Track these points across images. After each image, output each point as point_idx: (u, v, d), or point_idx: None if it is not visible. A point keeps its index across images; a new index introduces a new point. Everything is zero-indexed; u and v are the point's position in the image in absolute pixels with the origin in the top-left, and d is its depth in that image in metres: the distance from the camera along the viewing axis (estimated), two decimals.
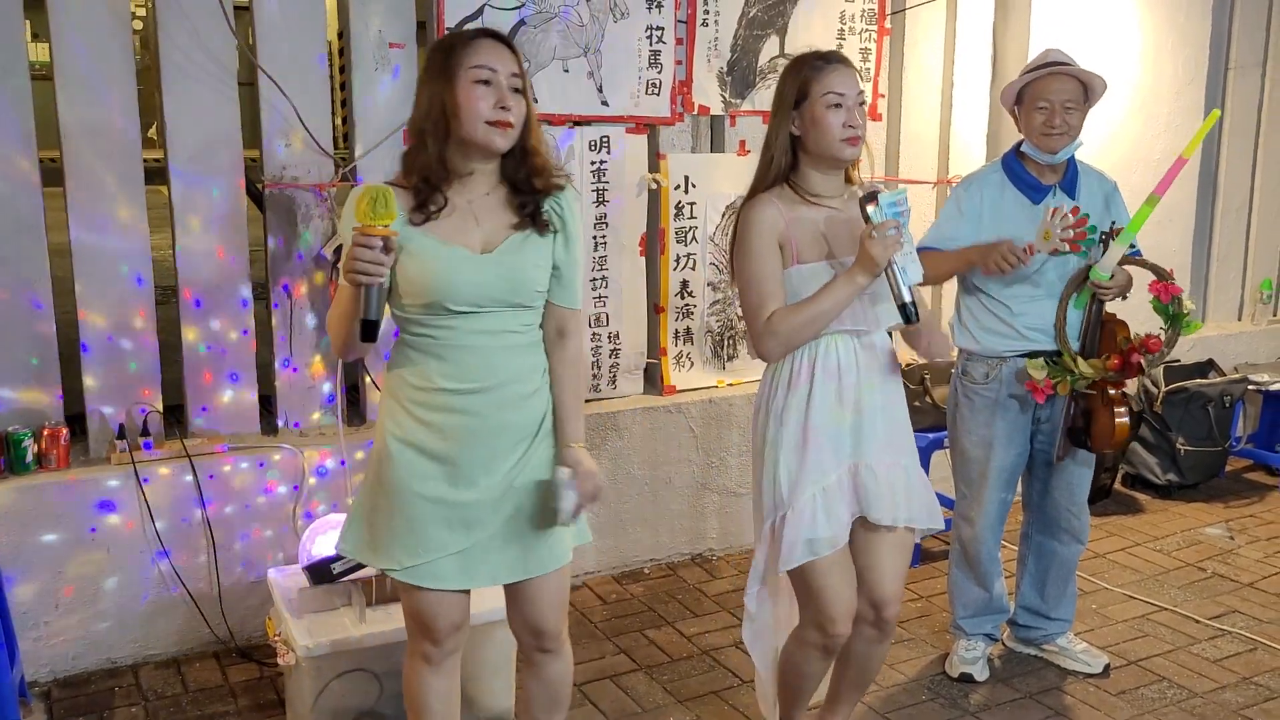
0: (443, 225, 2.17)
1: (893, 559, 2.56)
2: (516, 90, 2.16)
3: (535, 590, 2.34)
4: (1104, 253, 3.06)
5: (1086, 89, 3.09)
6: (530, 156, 2.22)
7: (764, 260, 2.45)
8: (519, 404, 2.25)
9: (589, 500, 2.28)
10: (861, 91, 2.48)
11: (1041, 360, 3.09)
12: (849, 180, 2.58)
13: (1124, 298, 3.13)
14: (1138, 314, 3.42)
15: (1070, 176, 3.18)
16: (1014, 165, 3.18)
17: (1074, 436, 3.19)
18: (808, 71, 2.45)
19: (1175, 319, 3.08)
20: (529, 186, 2.22)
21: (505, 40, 2.20)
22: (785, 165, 2.50)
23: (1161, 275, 3.10)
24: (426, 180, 2.16)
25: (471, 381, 2.20)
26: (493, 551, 2.27)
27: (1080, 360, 3.07)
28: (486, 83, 2.12)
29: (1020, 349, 3.15)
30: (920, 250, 2.70)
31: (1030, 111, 3.10)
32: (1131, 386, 5.12)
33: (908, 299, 2.37)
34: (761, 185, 2.53)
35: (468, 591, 2.34)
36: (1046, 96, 3.06)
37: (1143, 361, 3.01)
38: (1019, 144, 3.19)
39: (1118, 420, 3.10)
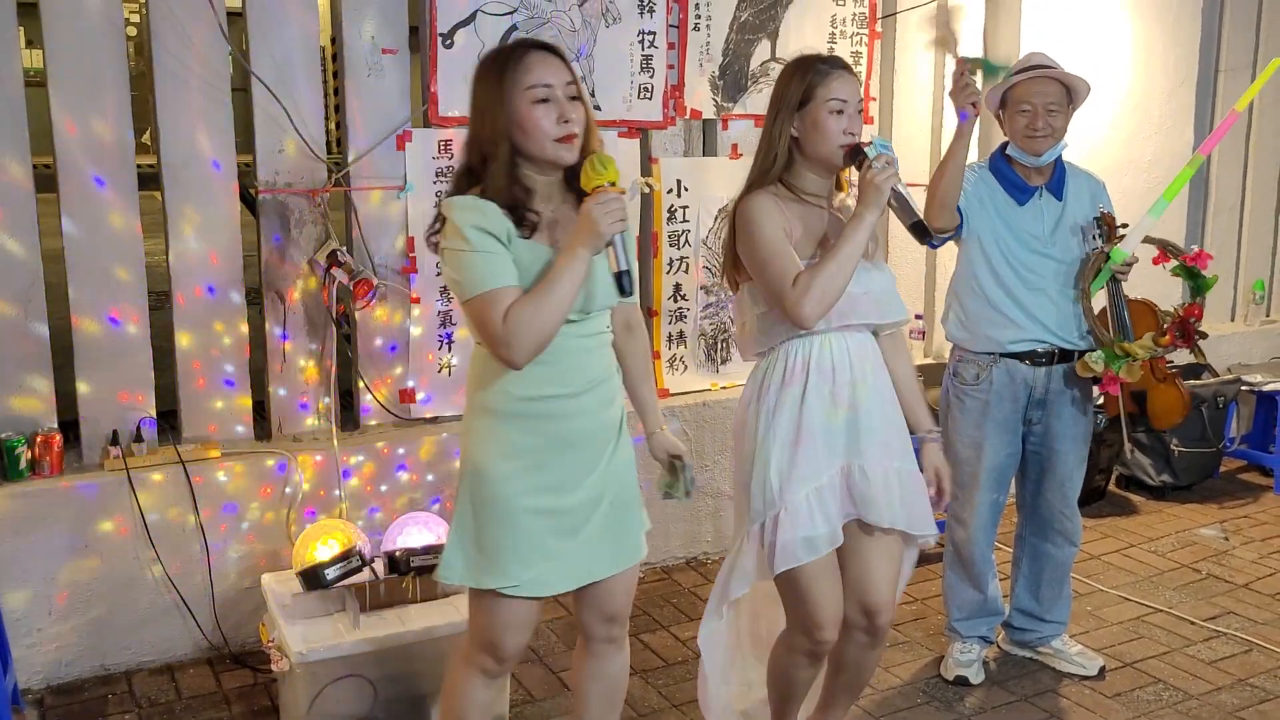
0: (547, 235, 2.18)
1: (884, 565, 2.54)
2: (573, 98, 2.16)
3: (616, 579, 2.37)
4: (1100, 238, 3.12)
5: (1070, 91, 3.11)
6: None
7: (776, 237, 2.44)
8: (611, 401, 2.32)
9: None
10: (861, 99, 2.50)
11: (1098, 353, 3.13)
12: (839, 186, 2.60)
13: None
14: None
15: (1058, 177, 3.19)
16: (1001, 166, 3.19)
17: (1133, 421, 3.21)
18: (813, 76, 2.45)
19: (1204, 285, 3.18)
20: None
21: (554, 50, 2.20)
22: (782, 165, 2.51)
23: (1174, 249, 3.20)
24: (507, 203, 2.14)
25: (576, 384, 2.23)
26: (590, 550, 2.30)
27: (1128, 344, 3.13)
28: (546, 100, 2.12)
29: (1016, 339, 3.16)
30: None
31: (1013, 114, 3.12)
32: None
33: (920, 217, 2.49)
34: (758, 182, 2.53)
35: (541, 604, 2.35)
36: (1029, 99, 3.08)
37: (1199, 328, 3.13)
38: (1004, 145, 3.20)
39: (1182, 392, 3.17)
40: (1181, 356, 5.21)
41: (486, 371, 2.24)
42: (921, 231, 2.51)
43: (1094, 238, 3.15)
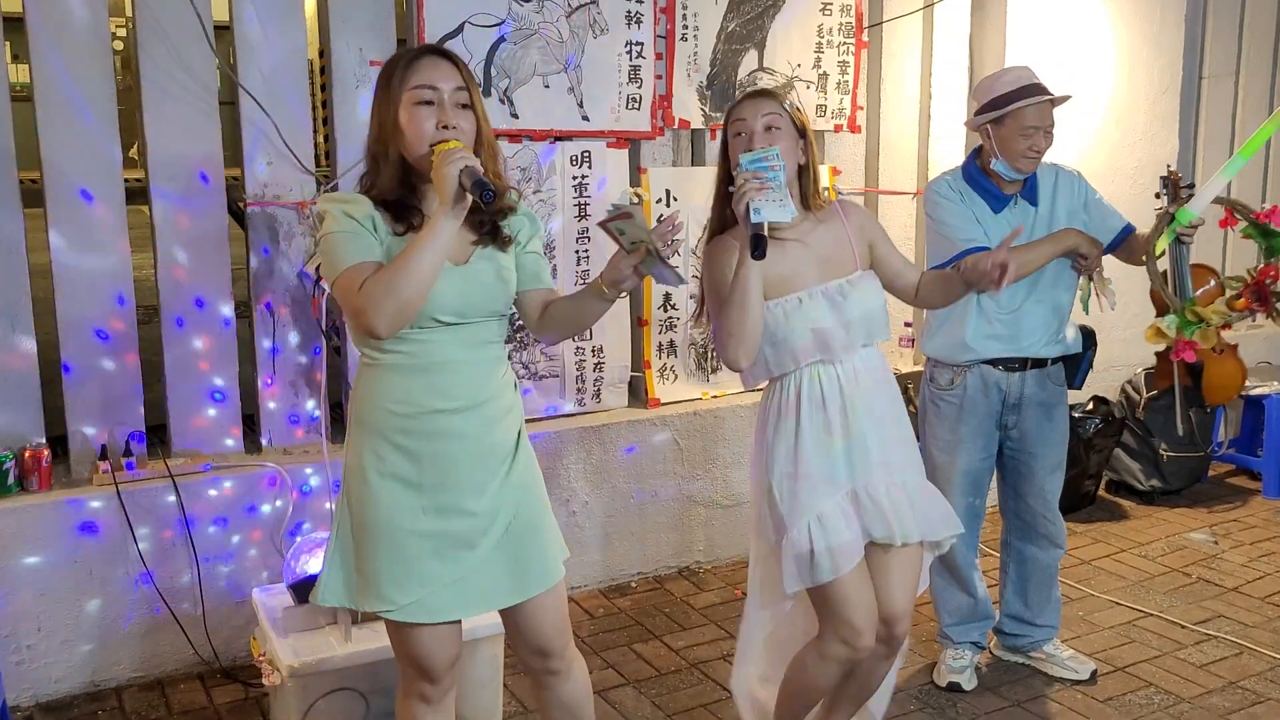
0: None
1: (902, 574, 2.55)
2: (463, 105, 2.11)
3: (534, 611, 2.28)
4: (1166, 197, 3.02)
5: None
6: None
7: (712, 286, 2.49)
8: (501, 420, 2.22)
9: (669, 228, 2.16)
10: (772, 114, 2.42)
11: (1170, 318, 3.03)
12: (806, 205, 2.54)
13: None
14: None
15: (1030, 183, 3.18)
16: (976, 176, 3.18)
17: (1188, 398, 3.11)
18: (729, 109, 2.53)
19: (1279, 244, 3.02)
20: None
21: (448, 55, 2.13)
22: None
23: (1243, 209, 3.06)
24: (386, 203, 2.11)
25: (459, 399, 2.14)
26: (486, 576, 2.20)
27: (1202, 308, 2.98)
28: (429, 102, 2.08)
29: (990, 348, 3.17)
30: (969, 252, 2.84)
31: (1014, 135, 3.05)
32: (1113, 394, 5.16)
33: (751, 232, 2.25)
34: (716, 226, 2.57)
35: (459, 622, 2.27)
36: (1035, 123, 3.05)
37: (1276, 289, 2.92)
38: (975, 154, 3.19)
39: (1241, 364, 3.05)
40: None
41: (371, 382, 2.17)
42: (754, 244, 2.25)
43: (1158, 197, 3.05)
